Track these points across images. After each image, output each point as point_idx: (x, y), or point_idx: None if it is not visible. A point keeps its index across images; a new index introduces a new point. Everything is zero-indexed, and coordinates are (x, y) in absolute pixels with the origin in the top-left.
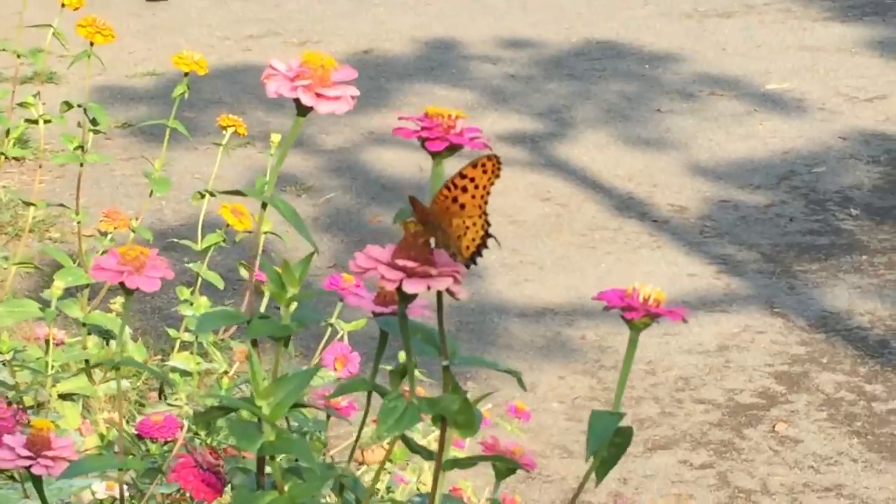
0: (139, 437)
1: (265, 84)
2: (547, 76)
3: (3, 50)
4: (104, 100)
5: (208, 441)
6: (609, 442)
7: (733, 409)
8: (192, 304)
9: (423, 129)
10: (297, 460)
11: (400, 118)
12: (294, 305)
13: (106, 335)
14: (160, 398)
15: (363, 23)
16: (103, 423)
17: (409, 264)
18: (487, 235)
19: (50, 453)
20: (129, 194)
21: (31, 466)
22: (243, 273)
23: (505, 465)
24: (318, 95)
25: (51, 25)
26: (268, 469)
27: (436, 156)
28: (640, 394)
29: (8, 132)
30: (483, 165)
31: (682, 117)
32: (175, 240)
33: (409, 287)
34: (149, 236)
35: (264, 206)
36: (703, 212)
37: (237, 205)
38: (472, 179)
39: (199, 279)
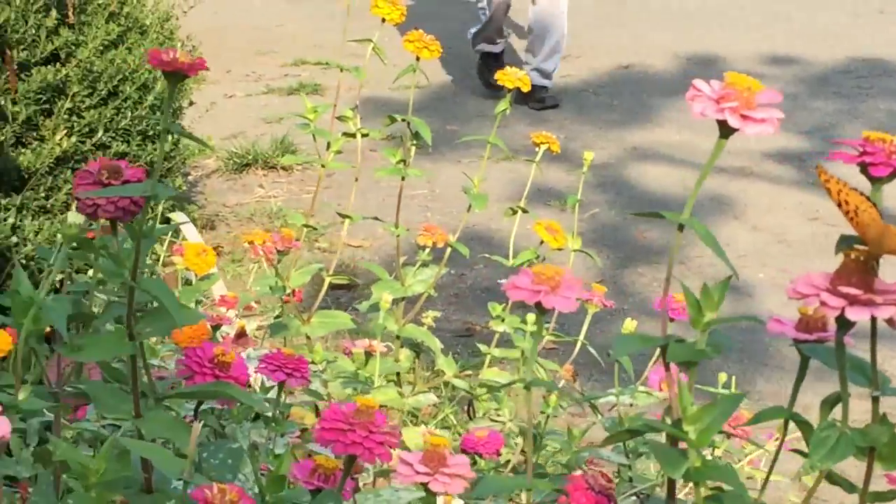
0: (463, 451)
1: (690, 104)
2: (812, 94)
3: (326, 64)
4: (369, 111)
5: (534, 457)
6: None
7: None
8: (503, 320)
9: (864, 153)
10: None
11: (835, 142)
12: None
13: (416, 348)
14: (468, 416)
15: (623, 37)
16: (422, 436)
17: (853, 291)
18: None
19: (447, 470)
20: (395, 206)
21: (428, 483)
22: None
23: None
24: (744, 117)
25: (370, 40)
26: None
27: (876, 181)
28: None
29: (328, 145)
30: None
31: None
32: (486, 255)
33: (853, 314)
34: (466, 252)
35: (681, 227)
36: None
37: (552, 222)
38: None
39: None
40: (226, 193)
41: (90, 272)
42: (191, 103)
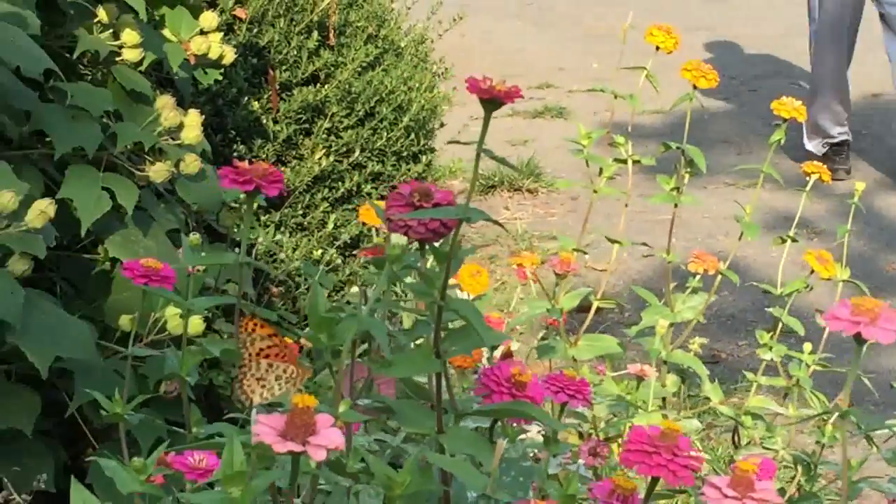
0: None
1: None
2: None
3: (601, 91)
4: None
5: (808, 487)
6: None
7: None
8: (770, 348)
9: None
10: None
11: None
12: None
13: (682, 374)
14: (734, 443)
15: (870, 65)
16: None
17: None
18: None
19: (755, 495)
20: (641, 230)
21: None
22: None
23: None
24: None
25: (644, 68)
26: None
27: None
28: None
29: (601, 171)
30: None
31: None
32: (755, 283)
33: None
34: (736, 279)
35: None
36: None
37: (822, 252)
38: None
39: (780, 325)
40: None
41: (352, 288)
42: (442, 125)
